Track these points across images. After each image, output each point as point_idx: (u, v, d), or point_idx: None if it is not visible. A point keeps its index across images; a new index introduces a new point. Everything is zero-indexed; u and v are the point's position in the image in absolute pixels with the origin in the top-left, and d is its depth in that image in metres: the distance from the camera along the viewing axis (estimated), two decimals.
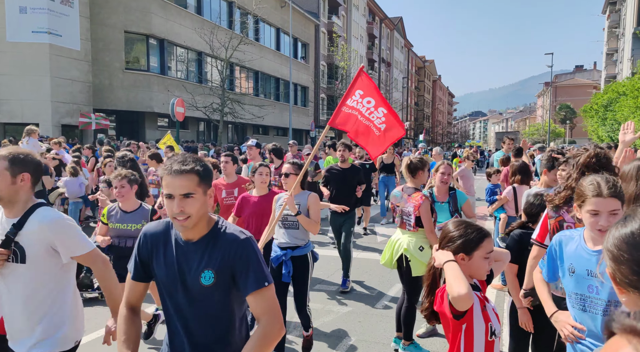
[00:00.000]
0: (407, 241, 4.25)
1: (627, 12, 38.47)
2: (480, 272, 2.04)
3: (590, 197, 2.08)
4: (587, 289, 2.09)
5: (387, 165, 10.53)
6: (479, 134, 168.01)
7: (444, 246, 2.08)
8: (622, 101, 18.18)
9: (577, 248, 2.17)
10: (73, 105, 19.13)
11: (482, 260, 2.01)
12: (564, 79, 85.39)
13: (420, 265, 4.09)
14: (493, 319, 2.04)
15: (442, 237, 2.12)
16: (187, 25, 23.85)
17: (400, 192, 4.42)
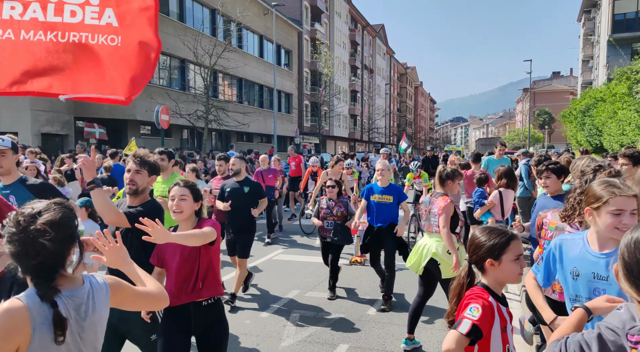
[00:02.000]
0: (435, 245, 4.43)
1: (601, 20, 39.59)
2: (512, 276, 1.99)
3: (614, 198, 2.08)
4: (592, 292, 2.11)
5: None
6: (461, 139, 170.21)
7: (472, 254, 2.04)
8: (600, 106, 18.63)
9: (581, 251, 2.18)
10: (53, 114, 18.78)
11: (511, 263, 1.96)
12: (541, 85, 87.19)
13: (449, 267, 4.33)
14: (511, 340, 2.00)
15: (469, 245, 2.08)
16: (170, 32, 23.68)
17: (429, 198, 4.71)
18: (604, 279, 2.08)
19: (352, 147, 56.95)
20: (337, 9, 49.37)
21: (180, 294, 2.82)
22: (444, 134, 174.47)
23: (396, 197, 5.79)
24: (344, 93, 51.34)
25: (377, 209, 5.75)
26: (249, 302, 5.85)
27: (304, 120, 42.67)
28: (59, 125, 19.10)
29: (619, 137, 15.37)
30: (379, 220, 5.72)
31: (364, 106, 59.35)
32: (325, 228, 6.07)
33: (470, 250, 2.06)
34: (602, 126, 18.12)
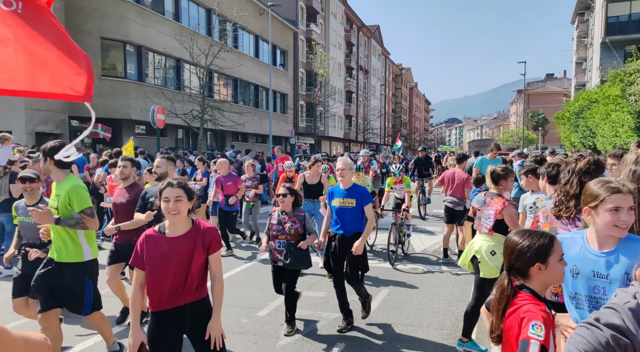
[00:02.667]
0: (480, 243, 4.40)
1: (594, 22, 39.89)
2: (559, 276, 1.92)
3: (611, 195, 2.13)
4: (592, 290, 2.15)
5: (312, 187, 7.90)
6: (455, 140, 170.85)
7: (515, 261, 1.92)
8: (594, 108, 18.78)
9: (581, 250, 2.21)
10: (47, 113, 18.68)
11: (558, 264, 1.90)
12: (535, 87, 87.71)
13: (489, 269, 4.25)
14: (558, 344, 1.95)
15: (509, 253, 1.95)
16: (165, 32, 23.64)
17: (483, 197, 4.59)
18: (604, 277, 2.11)
19: (347, 147, 56.99)
20: (332, 9, 49.43)
21: (174, 297, 2.80)
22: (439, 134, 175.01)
23: (359, 200, 4.91)
24: (339, 94, 51.39)
25: (339, 215, 4.98)
26: (246, 301, 5.86)
27: (299, 121, 42.68)
28: (53, 124, 19.01)
29: (612, 138, 15.50)
30: (342, 227, 4.97)
31: (359, 107, 59.44)
32: (276, 249, 4.86)
33: (513, 257, 1.93)
34: (596, 128, 18.27)
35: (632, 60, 14.76)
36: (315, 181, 7.90)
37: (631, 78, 13.84)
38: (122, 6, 21.01)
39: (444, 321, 5.18)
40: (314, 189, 7.88)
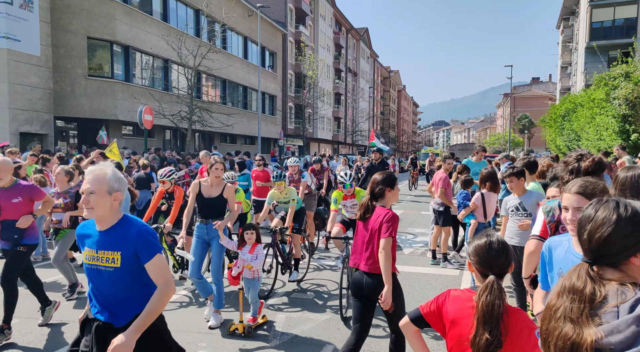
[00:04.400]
0: None
1: (579, 27, 40.55)
2: None
3: (562, 195, 2.31)
4: None
5: (208, 201, 5.29)
6: (443, 142, 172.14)
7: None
8: (579, 112, 19.07)
9: (566, 253, 2.22)
10: (32, 113, 18.40)
11: None
12: (521, 90, 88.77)
13: None
14: None
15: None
16: (153, 32, 23.45)
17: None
18: None
19: (336, 149, 57.10)
20: (321, 11, 49.54)
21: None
22: (427, 137, 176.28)
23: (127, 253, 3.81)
24: (328, 95, 51.49)
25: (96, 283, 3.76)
26: (235, 304, 5.83)
27: (288, 122, 42.65)
28: (38, 124, 18.72)
29: (596, 142, 15.75)
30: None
31: (347, 109, 59.59)
32: None
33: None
34: (581, 131, 18.55)
35: (616, 64, 15.02)
36: (215, 193, 5.27)
37: (615, 82, 14.09)
38: (110, 6, 20.80)
39: None
40: (211, 204, 5.24)
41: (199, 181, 5.39)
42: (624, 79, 13.74)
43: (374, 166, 10.63)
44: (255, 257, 5.02)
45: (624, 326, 1.24)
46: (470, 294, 1.98)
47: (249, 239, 5.12)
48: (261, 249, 5.14)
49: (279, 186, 6.79)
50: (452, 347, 1.99)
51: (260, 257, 5.06)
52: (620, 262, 1.38)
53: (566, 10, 46.99)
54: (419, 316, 2.10)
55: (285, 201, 6.96)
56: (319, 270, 7.57)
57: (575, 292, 1.38)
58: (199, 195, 5.28)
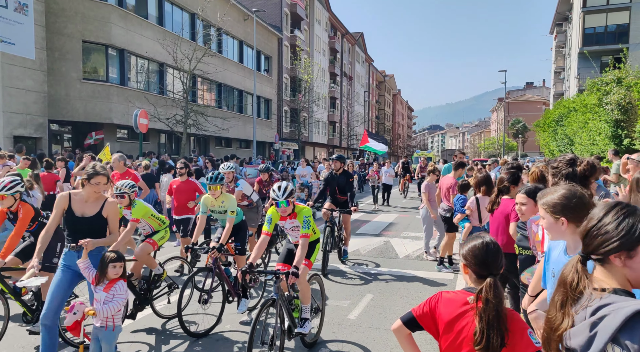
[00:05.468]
0: None
1: (572, 33, 40.92)
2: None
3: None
4: None
5: (80, 221, 4.12)
6: (437, 146, 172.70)
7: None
8: (572, 117, 19.22)
9: (559, 254, 2.29)
10: (27, 116, 18.32)
11: None
12: (515, 95, 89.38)
13: None
14: None
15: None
16: (149, 36, 23.45)
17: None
18: None
19: (331, 153, 57.17)
20: (317, 16, 49.72)
21: None
22: (421, 141, 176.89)
23: None
24: (323, 100, 51.59)
25: None
26: (230, 307, 5.82)
27: (283, 126, 42.69)
28: (32, 128, 18.64)
29: (589, 146, 15.88)
30: None
31: (342, 113, 59.73)
32: None
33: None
34: (574, 136, 18.70)
35: (608, 70, 15.18)
36: (91, 211, 4.08)
37: (607, 88, 14.24)
38: (105, 9, 20.79)
39: None
40: (84, 225, 4.05)
41: (68, 192, 4.14)
42: (616, 85, 13.89)
43: (334, 177, 8.34)
44: (111, 298, 3.69)
45: (580, 331, 1.35)
46: (464, 295, 1.99)
47: (114, 273, 3.75)
48: (122, 288, 3.77)
49: (213, 190, 5.64)
50: (446, 349, 2.01)
51: (119, 299, 3.71)
52: (604, 260, 1.43)
53: (559, 16, 47.43)
54: (412, 318, 2.11)
55: (221, 211, 5.82)
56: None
57: (562, 282, 1.51)
58: (69, 212, 4.04)
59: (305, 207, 4.61)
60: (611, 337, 1.27)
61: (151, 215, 5.50)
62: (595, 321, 1.32)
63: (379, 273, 7.59)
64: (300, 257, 4.22)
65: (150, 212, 5.48)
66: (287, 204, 4.43)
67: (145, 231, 5.64)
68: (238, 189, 7.35)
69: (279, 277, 4.10)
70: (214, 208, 5.85)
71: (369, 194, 19.95)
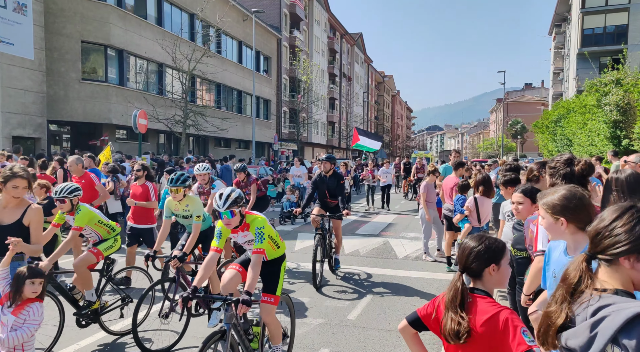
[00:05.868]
0: None
1: (571, 34, 40.98)
2: (506, 278, 2.04)
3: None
4: None
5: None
6: (436, 147, 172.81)
7: (472, 263, 1.99)
8: (571, 117, 19.24)
9: (559, 255, 2.30)
10: (25, 116, 18.30)
11: (507, 267, 2.03)
12: (514, 96, 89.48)
13: None
14: None
15: (465, 255, 2.01)
16: (148, 36, 23.44)
17: None
18: None
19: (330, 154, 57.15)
20: (316, 16, 49.74)
21: None
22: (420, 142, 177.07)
23: None
24: (323, 100, 51.60)
25: None
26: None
27: (283, 127, 42.69)
28: (31, 128, 18.61)
29: (588, 147, 15.90)
30: None
31: (342, 113, 59.75)
32: None
33: (469, 259, 1.99)
34: (573, 136, 18.72)
35: (606, 71, 15.20)
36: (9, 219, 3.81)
37: (606, 88, 14.26)
38: (104, 10, 20.78)
39: None
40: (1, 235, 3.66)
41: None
42: (615, 86, 13.91)
43: (323, 180, 7.49)
44: (21, 324, 3.12)
45: (581, 331, 1.36)
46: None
47: (32, 291, 3.17)
48: (37, 312, 3.18)
49: (174, 193, 5.05)
50: (448, 348, 2.02)
51: (31, 325, 3.14)
52: (612, 261, 1.44)
53: (558, 17, 47.50)
54: (417, 318, 2.14)
55: (185, 215, 5.26)
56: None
57: (565, 279, 1.52)
58: None
59: (259, 216, 3.84)
60: (611, 337, 1.28)
61: (98, 221, 4.96)
62: (596, 321, 1.34)
63: (378, 274, 7.59)
64: (252, 278, 3.48)
65: (97, 219, 4.95)
66: (231, 214, 3.61)
67: (92, 239, 5.10)
68: (214, 191, 6.63)
69: (230, 305, 3.35)
70: (177, 212, 5.29)
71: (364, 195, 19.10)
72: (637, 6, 33.19)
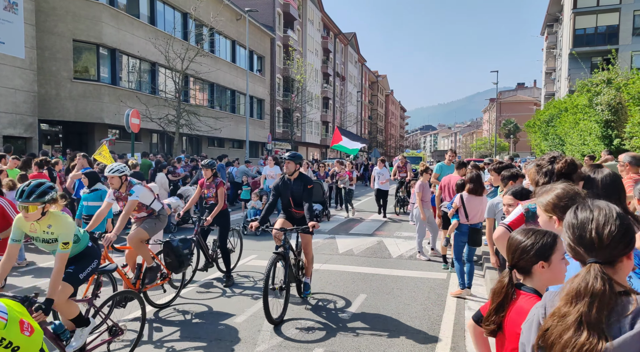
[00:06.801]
0: None
1: (563, 34, 41.25)
2: (561, 275, 1.89)
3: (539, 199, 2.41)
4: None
5: None
6: (430, 147, 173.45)
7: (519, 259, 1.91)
8: (563, 117, 19.37)
9: None
10: (16, 116, 18.13)
11: (560, 263, 1.89)
12: (507, 96, 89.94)
13: None
14: None
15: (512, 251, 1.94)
16: (140, 35, 23.31)
17: None
18: None
19: (324, 153, 57.18)
20: (309, 16, 49.70)
21: None
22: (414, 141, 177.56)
23: None
24: (316, 100, 51.59)
25: None
26: (223, 307, 5.80)
27: (276, 126, 42.62)
28: (22, 127, 18.44)
29: (580, 146, 16.00)
30: None
31: (335, 113, 59.75)
32: None
33: (516, 255, 1.92)
34: (565, 136, 18.84)
35: (598, 71, 15.31)
36: None
37: (598, 88, 14.36)
38: (96, 8, 20.63)
39: (420, 326, 5.23)
40: None
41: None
42: (606, 85, 14.01)
43: (286, 184, 6.11)
44: None
45: (628, 344, 1.22)
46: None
47: None
48: None
49: (25, 211, 3.54)
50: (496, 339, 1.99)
51: None
52: (617, 261, 1.40)
53: (550, 17, 47.81)
54: (481, 316, 2.11)
55: (47, 239, 3.78)
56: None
57: (593, 296, 1.31)
58: None
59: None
60: None
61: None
62: None
63: (372, 273, 7.59)
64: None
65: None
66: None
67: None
68: (132, 198, 5.51)
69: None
70: (35, 235, 3.79)
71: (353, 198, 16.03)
72: (627, 7, 33.49)
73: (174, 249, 5.84)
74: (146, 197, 5.76)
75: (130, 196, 5.56)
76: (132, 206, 5.52)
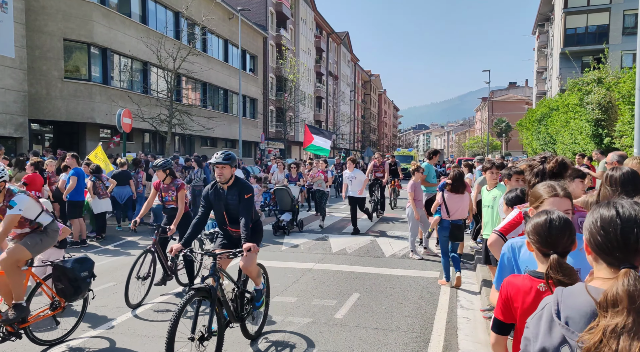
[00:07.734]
0: None
1: (554, 33, 41.54)
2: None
3: (548, 198, 2.33)
4: None
5: None
6: (423, 145, 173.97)
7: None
8: (554, 116, 19.52)
9: (530, 253, 2.27)
10: (6, 116, 17.95)
11: None
12: (499, 95, 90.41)
13: None
14: None
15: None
16: (132, 34, 23.16)
17: None
18: None
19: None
20: (302, 15, 49.65)
21: None
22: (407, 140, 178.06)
23: None
24: (309, 99, 51.56)
25: None
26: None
27: (269, 126, 42.55)
28: (12, 127, 18.27)
29: (571, 145, 16.13)
30: None
31: (328, 112, 59.76)
32: None
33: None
34: (556, 135, 18.98)
35: (589, 70, 15.44)
36: None
37: (588, 87, 14.47)
38: (87, 7, 20.46)
39: (413, 325, 5.26)
40: None
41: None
42: (597, 85, 14.13)
43: (219, 194, 4.68)
44: None
45: None
46: (532, 282, 1.90)
47: None
48: None
49: None
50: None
51: None
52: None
53: (541, 16, 48.11)
54: (501, 323, 1.95)
55: None
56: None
57: (619, 300, 1.20)
58: None
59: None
60: None
61: None
62: None
63: (365, 272, 7.61)
64: None
65: None
66: None
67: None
68: (12, 212, 4.29)
69: None
70: None
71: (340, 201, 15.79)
72: (618, 6, 33.80)
73: (68, 272, 4.64)
74: (31, 210, 4.50)
75: (9, 209, 4.29)
76: (12, 223, 4.32)
